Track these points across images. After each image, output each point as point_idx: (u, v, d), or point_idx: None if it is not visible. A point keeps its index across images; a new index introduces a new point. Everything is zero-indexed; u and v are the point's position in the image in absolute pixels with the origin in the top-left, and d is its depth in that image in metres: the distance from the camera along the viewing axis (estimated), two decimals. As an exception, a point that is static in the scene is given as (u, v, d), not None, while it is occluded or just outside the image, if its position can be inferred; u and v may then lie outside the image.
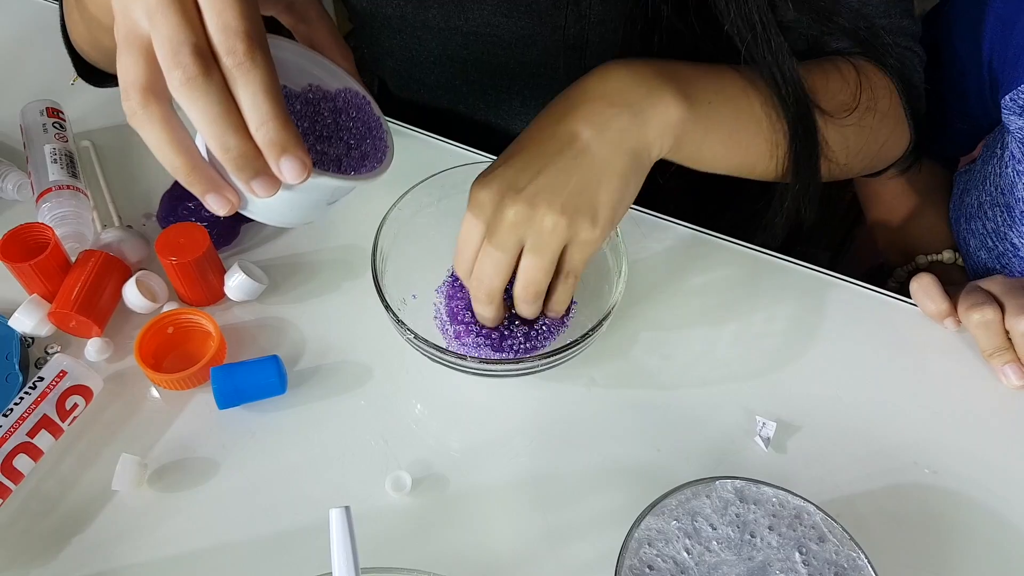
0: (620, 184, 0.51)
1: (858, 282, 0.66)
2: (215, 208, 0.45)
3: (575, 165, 0.50)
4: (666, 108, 0.52)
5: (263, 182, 0.42)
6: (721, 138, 0.56)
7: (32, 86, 0.79)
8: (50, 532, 0.54)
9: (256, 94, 0.40)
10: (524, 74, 0.74)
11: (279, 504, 0.55)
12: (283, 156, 0.41)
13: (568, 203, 0.49)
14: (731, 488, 0.49)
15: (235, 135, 0.41)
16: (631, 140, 0.51)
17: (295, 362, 0.61)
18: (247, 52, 0.40)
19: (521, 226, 0.50)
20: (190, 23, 0.39)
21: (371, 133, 0.51)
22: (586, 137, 0.50)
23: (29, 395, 0.56)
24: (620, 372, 0.61)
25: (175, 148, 0.42)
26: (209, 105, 0.40)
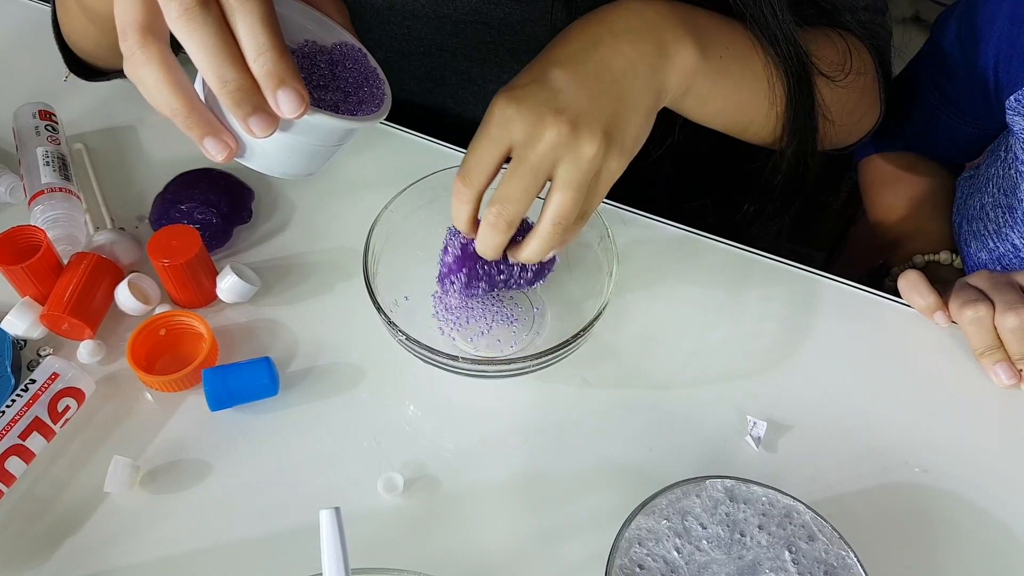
0: (645, 119, 0.51)
1: (849, 282, 0.66)
2: (212, 153, 0.44)
3: (612, 93, 0.49)
4: (688, 56, 0.52)
5: (260, 119, 0.42)
6: (726, 92, 0.57)
7: (25, 89, 0.79)
8: (42, 535, 0.54)
9: (254, 25, 0.40)
10: (513, 62, 0.74)
11: (271, 505, 0.55)
12: (280, 88, 0.41)
13: (608, 130, 0.48)
14: (721, 487, 0.49)
15: (233, 67, 0.40)
16: (657, 80, 0.51)
17: (287, 364, 0.61)
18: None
19: (562, 148, 0.47)
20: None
21: (368, 82, 0.51)
22: (621, 67, 0.50)
23: (21, 397, 0.56)
24: (612, 372, 0.61)
25: (173, 89, 0.41)
26: (206, 36, 0.39)
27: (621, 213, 0.70)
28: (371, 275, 0.57)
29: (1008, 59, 0.67)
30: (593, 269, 0.61)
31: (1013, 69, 0.67)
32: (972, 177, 0.79)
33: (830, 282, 0.66)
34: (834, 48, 0.64)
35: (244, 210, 0.69)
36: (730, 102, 0.58)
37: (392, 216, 0.61)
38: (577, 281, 0.60)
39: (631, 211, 0.70)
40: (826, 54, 0.63)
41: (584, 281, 0.61)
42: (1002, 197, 0.71)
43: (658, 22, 0.52)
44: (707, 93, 0.56)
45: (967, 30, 0.73)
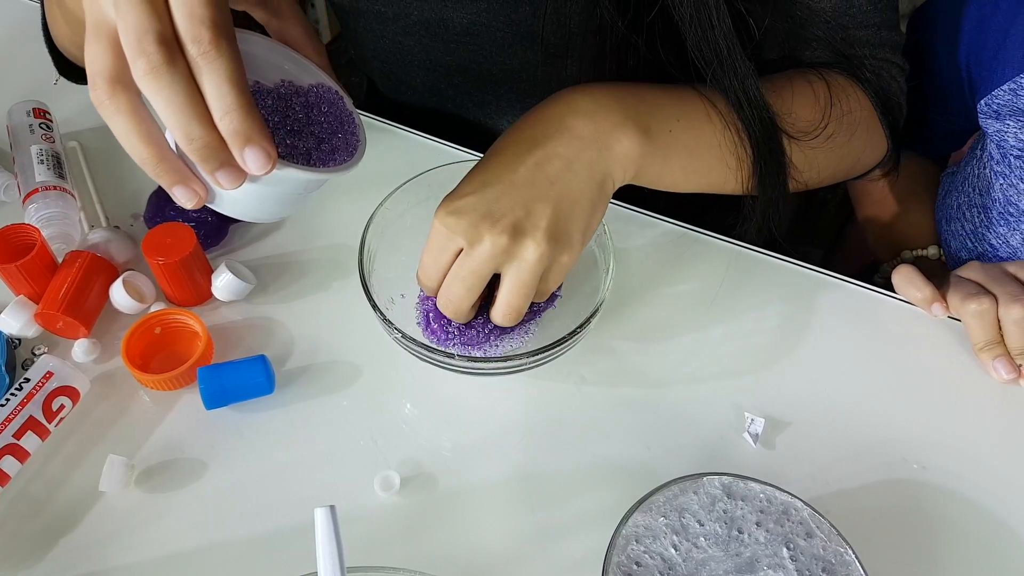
0: (590, 212, 0.52)
1: (847, 279, 0.66)
2: (182, 200, 0.44)
3: (549, 196, 0.50)
4: (629, 143, 0.52)
5: (228, 173, 0.42)
6: (682, 164, 0.56)
7: (19, 87, 0.79)
8: (37, 534, 0.53)
9: (221, 84, 0.39)
10: (507, 79, 0.74)
11: (267, 504, 0.55)
12: (247, 146, 0.41)
13: (548, 232, 0.49)
14: (719, 484, 0.49)
15: (199, 125, 0.40)
16: (598, 172, 0.52)
17: (283, 362, 0.61)
18: (212, 41, 0.39)
19: (500, 256, 0.49)
20: (155, 12, 0.39)
21: (343, 127, 0.50)
22: (557, 168, 0.51)
23: (15, 396, 0.55)
24: (610, 370, 0.61)
25: (142, 139, 0.42)
26: (173, 95, 0.39)
27: (618, 210, 0.70)
28: (367, 273, 0.57)
29: (978, 62, 0.67)
30: (590, 266, 0.61)
31: (983, 72, 0.67)
32: (952, 175, 0.79)
33: (828, 279, 0.66)
34: (814, 100, 0.62)
35: (239, 208, 0.68)
36: (690, 171, 0.57)
37: (388, 213, 0.60)
38: (574, 278, 0.60)
39: (628, 208, 0.70)
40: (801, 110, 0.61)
41: (581, 278, 0.61)
42: (977, 197, 0.71)
43: (595, 112, 0.52)
44: (660, 170, 0.55)
45: (939, 31, 0.73)
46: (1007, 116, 0.65)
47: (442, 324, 0.55)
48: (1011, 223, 0.68)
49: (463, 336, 0.56)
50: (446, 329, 0.55)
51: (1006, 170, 0.67)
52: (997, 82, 0.64)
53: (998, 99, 0.64)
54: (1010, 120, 0.64)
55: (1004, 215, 0.68)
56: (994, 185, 0.69)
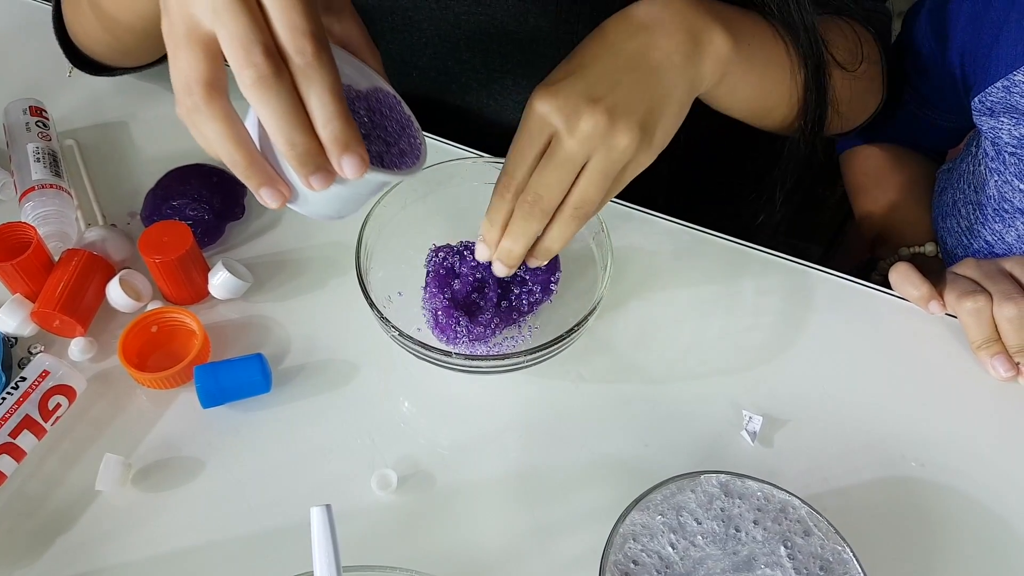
0: (679, 111, 0.52)
1: (845, 276, 0.66)
2: (267, 201, 0.45)
3: (648, 84, 0.50)
4: (722, 43, 0.53)
5: (321, 176, 0.43)
6: (755, 79, 0.58)
7: (15, 85, 0.78)
8: (34, 533, 0.53)
9: (323, 93, 0.41)
10: (517, 51, 0.74)
11: (264, 503, 0.55)
12: (345, 152, 0.42)
13: (643, 122, 0.49)
14: (716, 482, 0.49)
15: (302, 132, 0.41)
16: (692, 69, 0.52)
17: (280, 360, 0.61)
18: (315, 53, 0.40)
19: (597, 139, 0.48)
20: (258, 23, 0.40)
21: (405, 132, 0.51)
22: (657, 58, 0.50)
23: (11, 395, 0.55)
24: (607, 367, 0.61)
25: (236, 143, 0.43)
26: (280, 104, 0.40)
27: (616, 208, 0.69)
28: (364, 271, 0.57)
29: (972, 59, 0.67)
30: (588, 264, 0.61)
31: (977, 69, 0.67)
32: (947, 172, 0.79)
33: (827, 276, 0.66)
34: (846, 39, 0.65)
35: (236, 206, 0.68)
36: (758, 89, 0.59)
37: (385, 211, 0.60)
38: (572, 276, 0.60)
39: (626, 205, 0.70)
40: (840, 45, 0.64)
41: (579, 276, 0.61)
42: (972, 194, 0.71)
43: (689, 13, 0.52)
44: (738, 81, 0.56)
45: (934, 28, 0.73)
46: (1001, 113, 0.64)
47: (451, 323, 0.55)
48: (1006, 220, 0.68)
49: (471, 333, 0.56)
50: (455, 328, 0.55)
51: (1000, 167, 0.67)
52: (991, 79, 0.64)
53: (992, 96, 0.64)
54: (1004, 117, 0.64)
55: (999, 212, 0.68)
56: (989, 182, 0.69)
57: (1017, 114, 0.63)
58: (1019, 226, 0.68)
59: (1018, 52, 0.62)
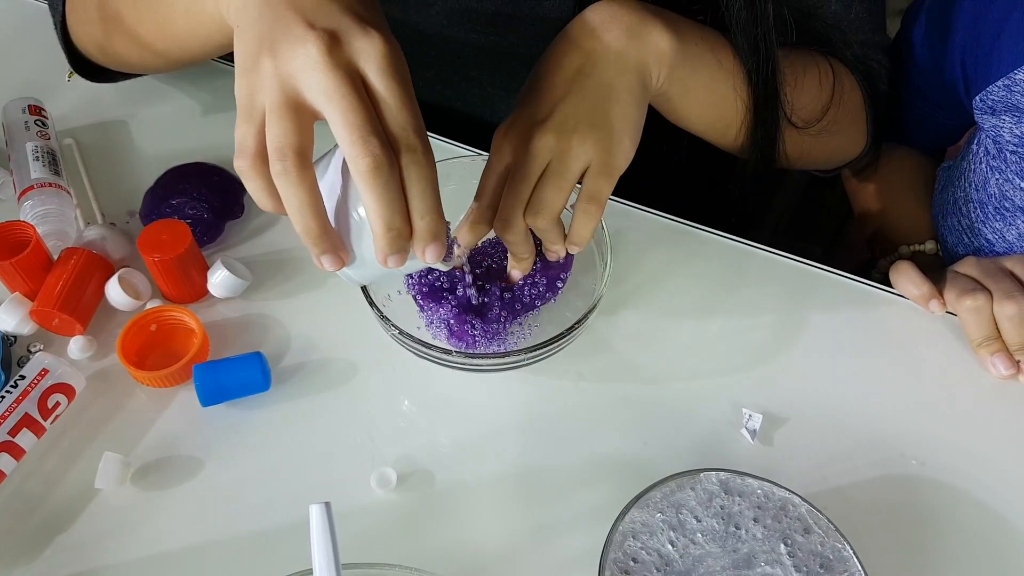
0: (630, 101, 0.53)
1: (845, 274, 0.66)
2: (326, 265, 0.47)
3: (586, 89, 0.52)
4: (659, 36, 0.54)
5: (400, 257, 0.45)
6: (704, 83, 0.58)
7: (14, 84, 0.78)
8: (33, 531, 0.53)
9: (425, 188, 0.44)
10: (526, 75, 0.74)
11: (263, 501, 0.55)
12: (432, 243, 0.45)
13: (591, 123, 0.51)
14: (716, 480, 0.49)
15: (401, 218, 0.44)
16: (631, 59, 0.53)
17: (279, 359, 0.61)
18: (424, 151, 0.43)
19: (546, 153, 0.51)
20: (370, 112, 0.42)
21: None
22: (590, 63, 0.52)
23: (10, 394, 0.55)
24: (607, 366, 0.61)
25: (314, 213, 0.44)
26: (388, 192, 0.43)
27: (616, 205, 0.69)
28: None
29: (973, 58, 0.67)
30: (587, 262, 0.61)
31: (978, 67, 0.66)
32: (948, 170, 0.79)
33: (827, 274, 0.66)
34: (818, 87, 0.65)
35: (235, 205, 0.68)
36: (710, 95, 0.59)
37: (384, 209, 0.60)
38: (572, 274, 0.60)
39: (626, 203, 0.70)
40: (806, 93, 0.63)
41: (578, 274, 0.60)
42: (973, 192, 0.71)
43: (622, 13, 0.54)
44: (688, 78, 0.57)
45: (934, 26, 0.73)
46: (1002, 112, 0.64)
47: (466, 328, 0.56)
48: (1007, 218, 0.68)
49: (487, 333, 0.56)
50: (471, 332, 0.56)
51: (1002, 165, 0.67)
52: (992, 78, 0.64)
53: (993, 95, 0.64)
54: (1005, 116, 0.64)
55: (1000, 210, 0.68)
56: (990, 180, 0.69)
57: (1018, 112, 0.63)
58: (1020, 224, 0.68)
59: (1019, 50, 0.62)
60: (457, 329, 0.56)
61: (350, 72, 0.42)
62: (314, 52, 0.42)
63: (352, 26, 0.43)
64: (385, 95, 0.43)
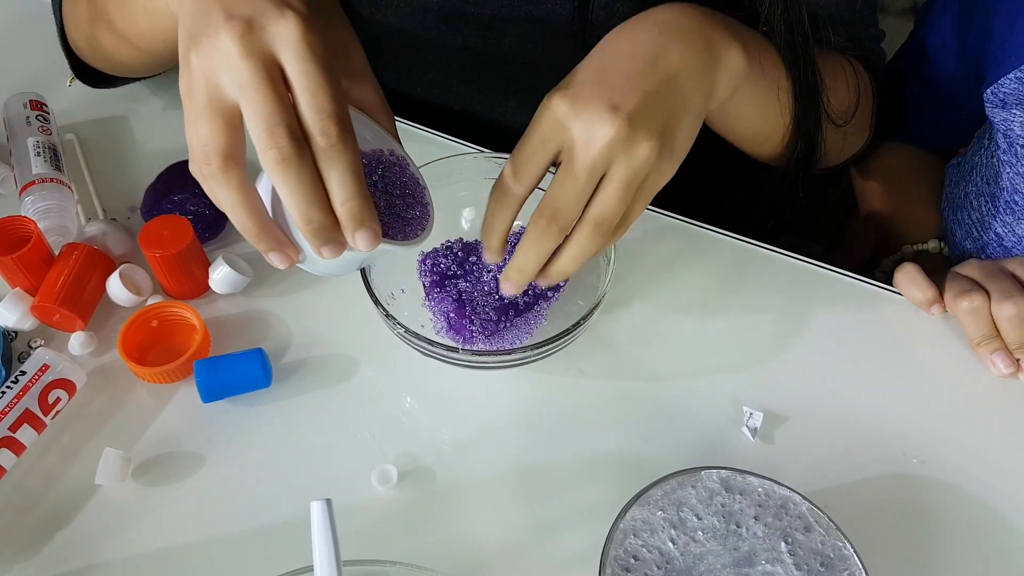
0: (696, 121, 0.51)
1: (846, 272, 0.66)
2: (275, 263, 0.46)
3: (667, 92, 0.48)
4: (737, 57, 0.52)
5: (333, 248, 0.44)
6: (761, 100, 0.58)
7: (15, 79, 0.78)
8: (33, 527, 0.53)
9: (343, 174, 0.42)
10: (523, 78, 0.74)
11: (264, 498, 0.55)
12: (360, 229, 0.43)
13: (663, 131, 0.48)
14: (717, 478, 0.49)
15: (319, 210, 0.43)
16: (708, 81, 0.51)
17: (280, 355, 0.61)
18: (339, 136, 0.42)
19: (618, 148, 0.46)
20: (283, 102, 0.41)
21: (414, 194, 0.52)
22: (675, 68, 0.49)
23: (11, 389, 0.55)
24: (608, 363, 0.61)
25: (249, 211, 0.44)
26: (300, 184, 0.42)
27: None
28: (367, 269, 0.57)
29: (986, 51, 0.67)
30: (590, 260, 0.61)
31: (989, 61, 0.67)
32: (959, 165, 0.79)
33: (828, 273, 0.66)
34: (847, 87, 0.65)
35: (237, 201, 0.68)
36: (761, 111, 0.59)
37: (386, 206, 0.60)
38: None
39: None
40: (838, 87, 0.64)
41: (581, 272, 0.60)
42: (985, 186, 0.71)
43: (705, 23, 0.52)
44: (747, 99, 0.56)
45: (947, 22, 0.73)
46: (1013, 105, 0.64)
47: (464, 323, 0.55)
48: (1016, 212, 0.68)
49: (486, 329, 0.56)
50: (468, 328, 0.56)
51: (1012, 159, 0.67)
52: (1004, 70, 0.64)
53: (1004, 88, 0.64)
54: (1016, 109, 0.64)
55: (1010, 204, 0.68)
56: (1001, 174, 0.69)
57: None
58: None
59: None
60: (456, 323, 0.56)
61: (264, 59, 0.41)
62: (228, 42, 0.41)
63: (268, 9, 0.41)
64: (297, 79, 0.41)
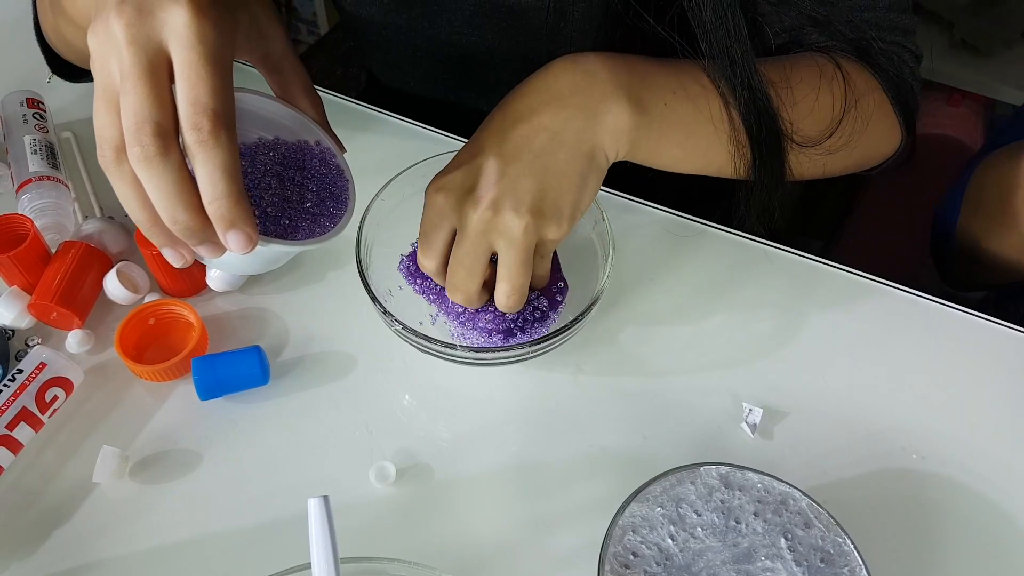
0: (579, 184, 0.51)
1: (845, 268, 0.66)
2: (171, 260, 0.46)
3: (534, 168, 0.49)
4: (619, 114, 0.51)
5: (208, 248, 0.44)
6: (678, 140, 0.55)
7: (12, 77, 0.78)
8: (31, 525, 0.53)
9: (213, 171, 0.41)
10: (508, 69, 0.74)
11: (262, 495, 0.54)
12: (230, 230, 0.42)
13: (533, 207, 0.49)
14: (716, 474, 0.49)
15: (184, 211, 0.42)
16: (586, 143, 0.51)
17: (278, 353, 0.61)
18: (211, 131, 0.40)
19: (491, 231, 0.49)
20: (157, 96, 0.40)
21: (334, 187, 0.52)
22: (543, 140, 0.50)
23: (8, 387, 0.55)
24: (607, 360, 0.61)
25: (139, 204, 0.43)
26: (162, 183, 0.41)
27: (617, 200, 0.69)
28: (364, 265, 0.57)
29: None
30: (588, 256, 0.61)
31: None
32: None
33: (827, 268, 0.66)
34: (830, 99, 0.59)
35: (234, 198, 0.68)
36: (688, 149, 0.56)
37: (384, 204, 0.60)
38: (572, 268, 0.59)
39: (628, 198, 0.69)
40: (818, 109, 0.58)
41: (579, 268, 0.60)
42: None
43: (583, 84, 0.51)
44: (655, 146, 0.54)
45: None
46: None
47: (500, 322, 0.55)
48: None
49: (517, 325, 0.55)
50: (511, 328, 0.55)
51: None
52: None
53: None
54: None
55: None
56: None
57: None
58: None
59: None
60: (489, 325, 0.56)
61: (149, 48, 0.40)
62: (116, 28, 0.40)
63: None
64: (179, 70, 0.40)
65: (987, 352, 0.61)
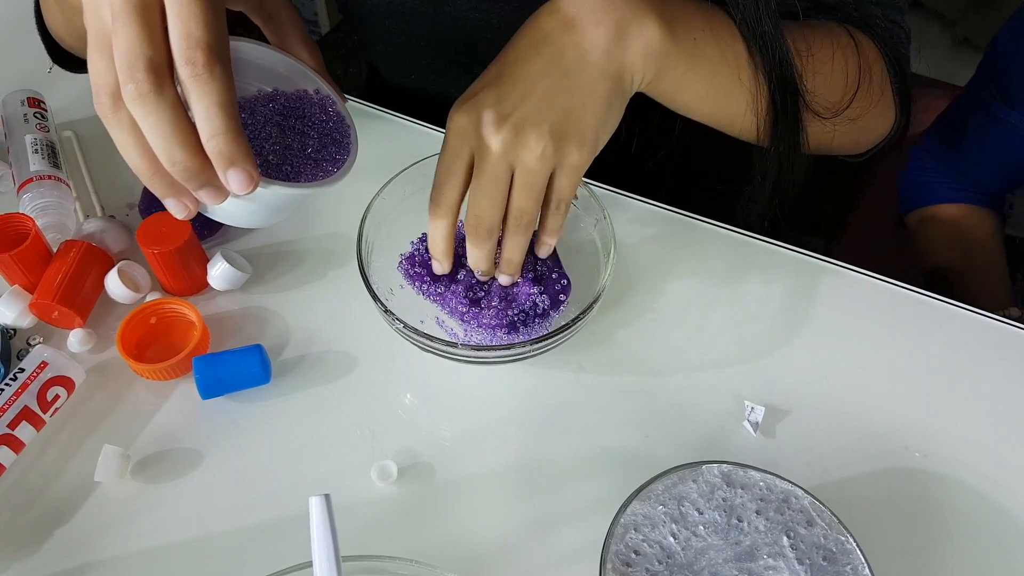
0: (604, 108, 0.50)
1: (848, 266, 0.66)
2: (173, 211, 0.45)
3: (559, 88, 0.48)
4: (651, 36, 0.50)
5: (209, 192, 0.43)
6: (703, 78, 0.54)
7: (13, 76, 0.78)
8: (32, 524, 0.53)
9: (210, 107, 0.40)
10: None
11: (263, 494, 0.54)
12: (230, 168, 0.41)
13: (555, 128, 0.48)
14: (718, 472, 0.48)
15: (182, 150, 0.41)
16: (614, 64, 0.49)
17: (279, 351, 0.61)
18: (206, 64, 0.40)
19: (511, 153, 0.48)
20: (149, 34, 0.39)
21: (336, 133, 0.51)
22: (570, 59, 0.49)
23: (9, 387, 0.55)
24: (608, 358, 0.60)
25: (139, 152, 0.42)
26: (158, 121, 0.40)
27: (618, 198, 0.69)
28: (365, 263, 0.56)
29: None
30: (590, 254, 0.61)
31: None
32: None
33: (830, 266, 0.66)
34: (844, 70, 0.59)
35: (235, 197, 0.68)
36: (711, 89, 0.55)
37: (385, 202, 0.60)
38: (574, 266, 0.59)
39: (629, 196, 0.69)
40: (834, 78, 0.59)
41: (581, 267, 0.60)
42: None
43: (614, 4, 0.50)
44: (681, 79, 0.53)
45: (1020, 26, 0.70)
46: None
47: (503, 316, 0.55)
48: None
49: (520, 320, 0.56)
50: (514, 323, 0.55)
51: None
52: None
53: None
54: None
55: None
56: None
57: None
58: None
59: None
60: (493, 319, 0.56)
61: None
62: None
63: None
64: (170, 6, 0.39)
65: (990, 350, 0.61)
